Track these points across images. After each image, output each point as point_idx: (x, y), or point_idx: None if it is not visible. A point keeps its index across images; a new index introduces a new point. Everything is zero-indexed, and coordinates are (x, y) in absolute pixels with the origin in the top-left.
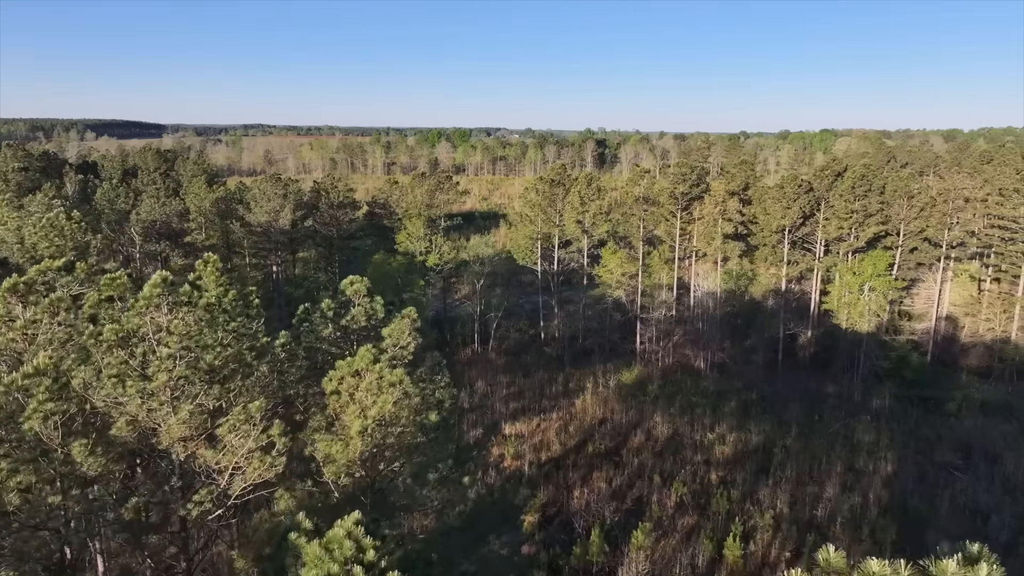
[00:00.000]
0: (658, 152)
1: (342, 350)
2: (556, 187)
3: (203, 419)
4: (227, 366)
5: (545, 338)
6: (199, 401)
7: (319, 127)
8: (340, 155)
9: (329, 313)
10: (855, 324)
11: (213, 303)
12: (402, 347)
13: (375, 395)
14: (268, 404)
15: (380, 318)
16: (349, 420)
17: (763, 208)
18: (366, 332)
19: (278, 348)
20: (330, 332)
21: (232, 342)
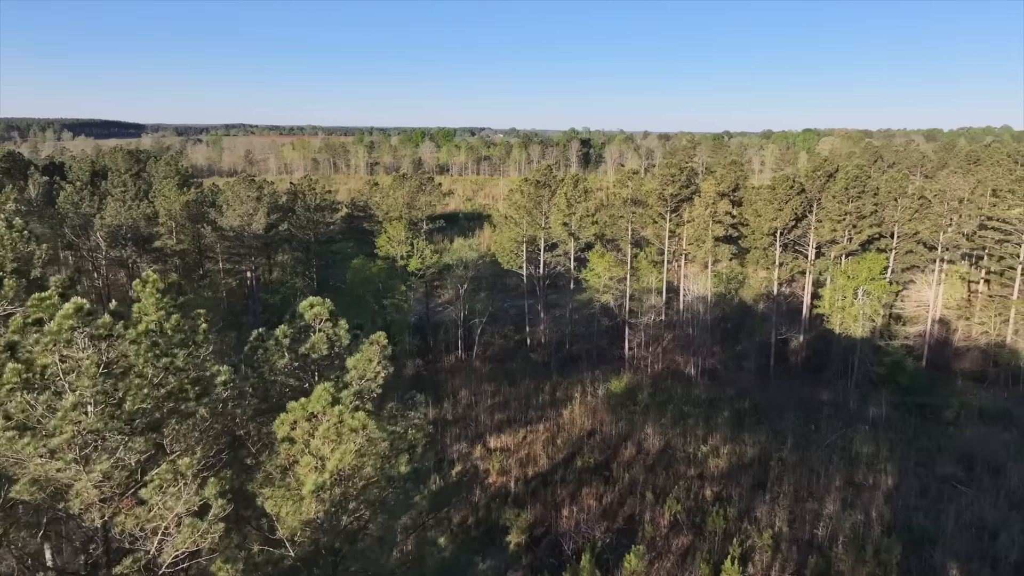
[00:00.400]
0: (643, 152)
1: (302, 381)
2: (542, 189)
3: (125, 476)
4: (160, 408)
5: (531, 344)
6: (119, 456)
7: (302, 127)
8: (322, 155)
9: (285, 341)
10: (849, 329)
11: (152, 330)
12: (370, 379)
13: (334, 443)
14: (211, 450)
15: (344, 345)
16: (303, 473)
17: (754, 210)
18: (329, 361)
19: (219, 386)
20: (287, 362)
21: (169, 378)
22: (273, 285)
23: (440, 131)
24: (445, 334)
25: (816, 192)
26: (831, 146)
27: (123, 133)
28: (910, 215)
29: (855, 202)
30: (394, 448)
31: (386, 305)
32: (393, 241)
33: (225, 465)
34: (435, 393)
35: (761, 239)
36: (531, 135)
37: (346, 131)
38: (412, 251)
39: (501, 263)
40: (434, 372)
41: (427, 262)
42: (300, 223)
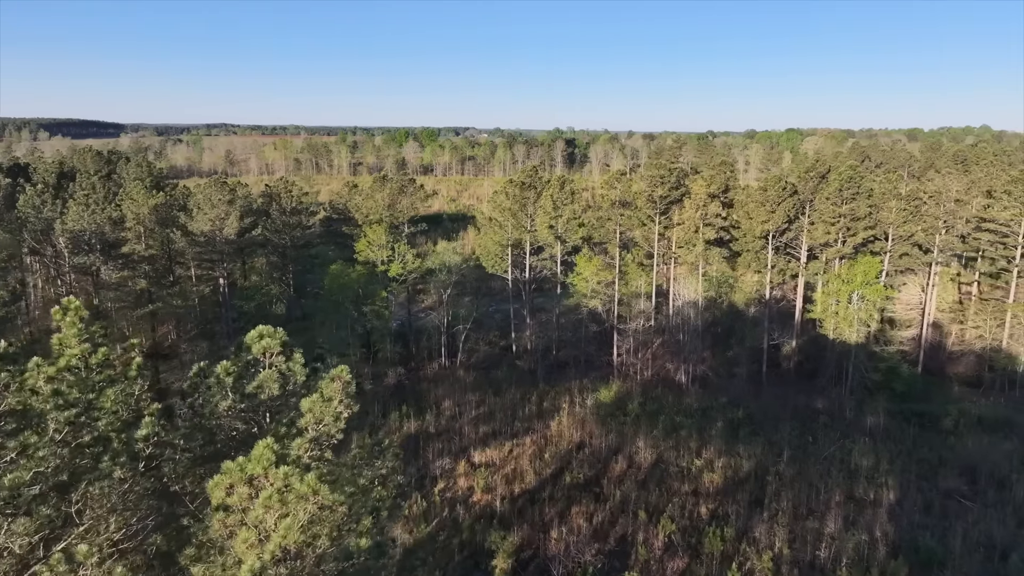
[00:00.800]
0: (628, 152)
1: (250, 425)
2: (527, 190)
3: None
4: (68, 467)
5: (517, 350)
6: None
7: (284, 127)
8: (304, 155)
9: (228, 379)
10: (843, 334)
11: (74, 366)
12: (328, 424)
13: (279, 513)
14: (134, 516)
15: (300, 382)
16: (241, 550)
17: (745, 212)
18: (282, 400)
19: (139, 441)
20: (230, 404)
21: (83, 431)
22: (248, 292)
23: (424, 131)
24: (428, 341)
25: (809, 193)
26: (815, 146)
27: (101, 133)
28: (905, 217)
29: (849, 204)
30: (354, 512)
31: (366, 312)
32: (373, 246)
33: (156, 529)
34: (417, 404)
35: (753, 242)
36: (516, 135)
37: (329, 131)
38: (393, 256)
39: (485, 267)
40: (417, 381)
41: (409, 267)
42: (275, 227)
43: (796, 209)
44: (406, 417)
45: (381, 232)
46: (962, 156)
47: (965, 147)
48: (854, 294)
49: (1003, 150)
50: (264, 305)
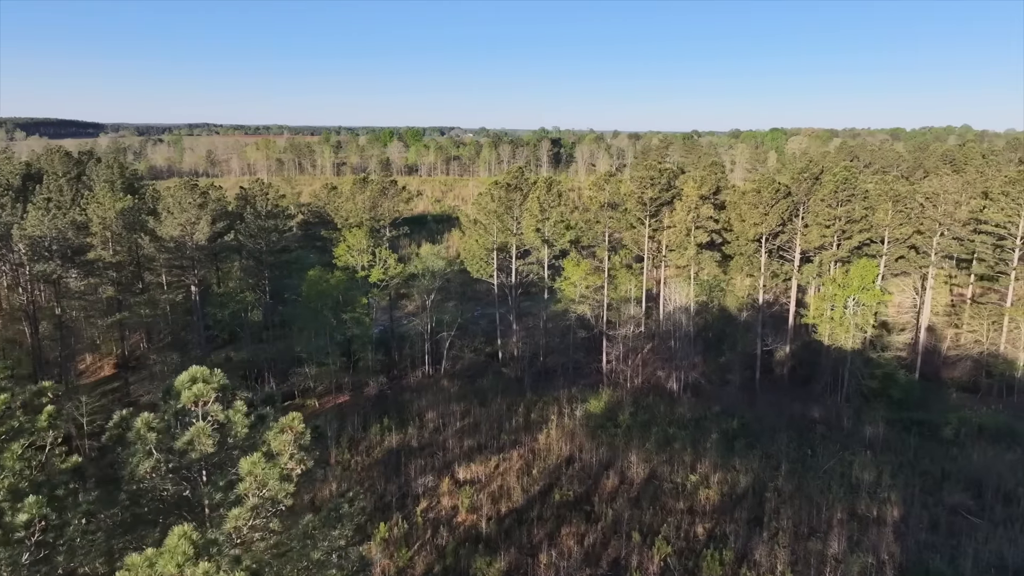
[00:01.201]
0: (614, 152)
1: (182, 486)
2: (513, 192)
3: None
4: None
5: (503, 357)
6: None
7: (268, 126)
8: (287, 155)
9: (151, 436)
10: (839, 340)
11: None
12: (274, 487)
13: None
14: None
15: (242, 435)
16: None
17: (738, 214)
18: (220, 456)
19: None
20: (154, 464)
21: None
22: (221, 299)
23: (409, 131)
24: (411, 348)
25: (803, 195)
26: (800, 145)
27: (80, 133)
28: (901, 220)
29: (845, 206)
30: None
31: (346, 320)
32: (353, 250)
33: None
34: (400, 416)
35: (745, 245)
36: (501, 134)
37: (313, 131)
38: (374, 261)
39: (470, 271)
40: (399, 391)
41: (391, 273)
42: (250, 231)
43: (789, 211)
44: (387, 430)
45: (361, 236)
46: (950, 156)
47: (953, 147)
48: (850, 299)
49: (990, 150)
50: (239, 313)
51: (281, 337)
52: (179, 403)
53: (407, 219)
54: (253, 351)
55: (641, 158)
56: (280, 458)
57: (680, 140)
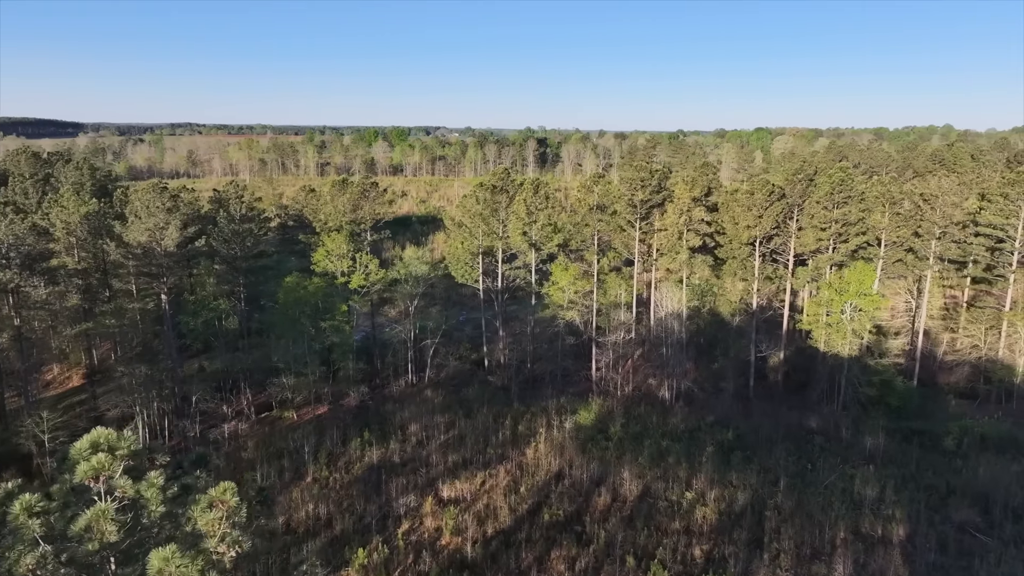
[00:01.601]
0: (600, 151)
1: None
2: (498, 194)
3: None
4: None
5: (489, 365)
6: None
7: (251, 126)
8: (270, 155)
9: (34, 524)
10: (835, 346)
11: None
12: None
13: None
14: None
15: (159, 514)
16: None
17: (731, 217)
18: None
19: None
20: (37, 561)
21: None
22: (194, 307)
23: (394, 130)
24: (394, 356)
25: (797, 197)
26: (786, 145)
27: (59, 132)
28: (899, 222)
29: (841, 208)
30: None
31: (324, 328)
32: (332, 255)
33: None
34: (381, 428)
35: (739, 248)
36: (487, 134)
37: (297, 130)
38: (354, 266)
39: (455, 276)
40: (381, 401)
41: (372, 278)
42: (223, 236)
43: (784, 213)
44: (368, 444)
45: (341, 241)
46: (940, 156)
47: (942, 147)
48: (847, 304)
49: (979, 149)
50: (212, 322)
51: (258, 346)
52: (72, 478)
53: (391, 220)
54: (228, 361)
55: (628, 158)
56: (208, 540)
57: (666, 140)
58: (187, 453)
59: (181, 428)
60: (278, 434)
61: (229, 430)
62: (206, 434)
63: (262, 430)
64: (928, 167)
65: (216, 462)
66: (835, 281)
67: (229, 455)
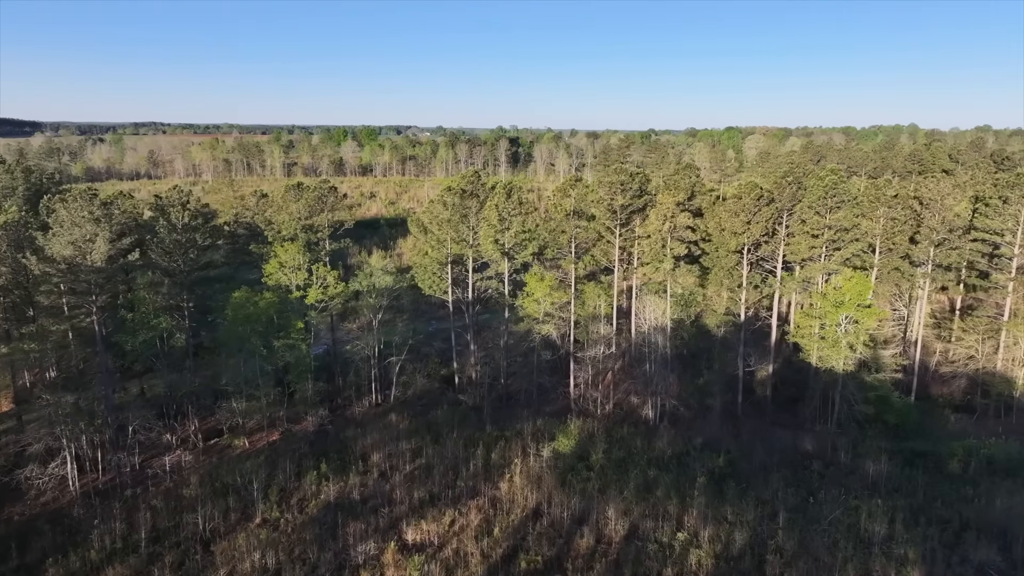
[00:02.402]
0: (573, 151)
1: None
2: (468, 199)
3: None
4: None
5: (460, 382)
6: None
7: (218, 125)
8: (235, 156)
9: None
10: (830, 361)
11: None
12: None
13: None
14: None
15: None
16: None
17: (717, 223)
18: None
19: None
20: None
21: None
22: (132, 325)
23: (364, 129)
24: (356, 375)
25: (787, 202)
26: (758, 144)
27: (15, 132)
28: (897, 227)
29: (834, 213)
30: None
31: (277, 348)
32: (286, 267)
33: None
34: (341, 458)
35: (726, 257)
36: (458, 133)
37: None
38: (311, 279)
39: (421, 287)
40: (342, 426)
41: (331, 292)
42: (164, 247)
43: (773, 220)
44: (325, 478)
45: (295, 251)
46: (918, 156)
47: (920, 147)
48: (843, 317)
49: (956, 149)
50: (153, 341)
51: (208, 366)
52: None
53: (359, 223)
54: (173, 383)
55: (602, 157)
56: None
57: (639, 139)
58: (122, 491)
59: (116, 461)
60: (226, 465)
61: (172, 462)
62: (146, 467)
63: (209, 460)
64: (907, 167)
65: (153, 503)
66: (830, 292)
67: (169, 492)
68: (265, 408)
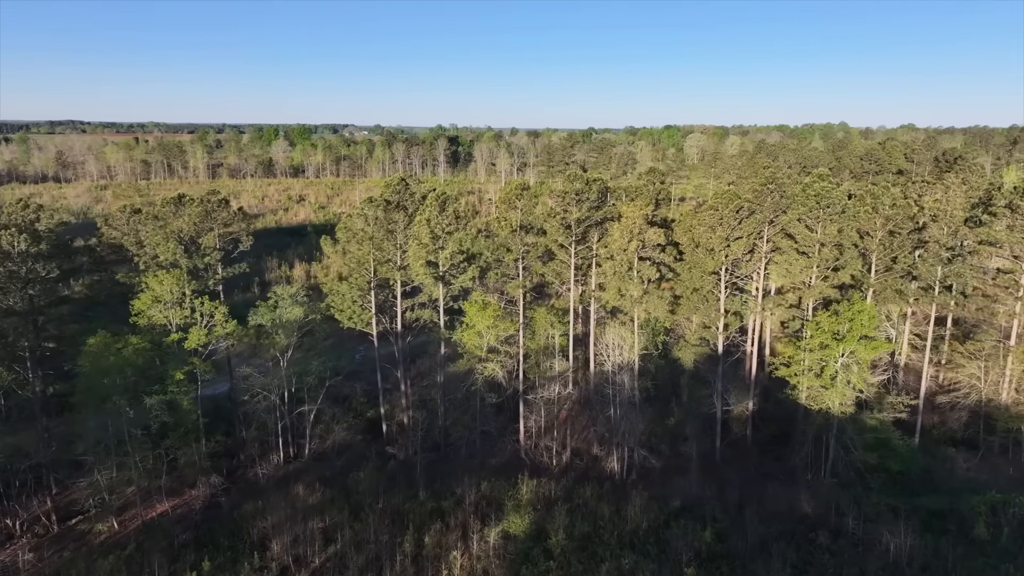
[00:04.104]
0: (515, 150)
1: None
2: (394, 212)
3: None
4: None
5: (388, 431)
6: None
7: (143, 124)
8: (155, 156)
9: None
10: (824, 402)
11: None
12: None
13: None
14: None
15: None
16: None
17: (691, 239)
18: None
19: None
20: None
21: None
22: None
23: (297, 128)
24: (260, 428)
25: (769, 213)
26: (698, 142)
27: None
28: (899, 242)
29: (826, 226)
30: None
31: (151, 405)
32: (163, 303)
33: None
34: (232, 548)
35: (701, 279)
36: (397, 132)
37: (194, 128)
38: (193, 316)
39: (339, 319)
40: (239, 498)
41: (219, 332)
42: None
43: (755, 234)
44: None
45: (172, 282)
46: (874, 155)
47: (875, 146)
48: (844, 353)
49: (911, 148)
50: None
51: (68, 425)
52: None
53: (283, 231)
54: (13, 449)
55: (544, 157)
56: None
57: (581, 138)
58: None
59: None
60: (82, 561)
61: (6, 559)
62: None
63: (60, 554)
64: (864, 167)
65: None
66: (825, 321)
67: None
68: (139, 479)
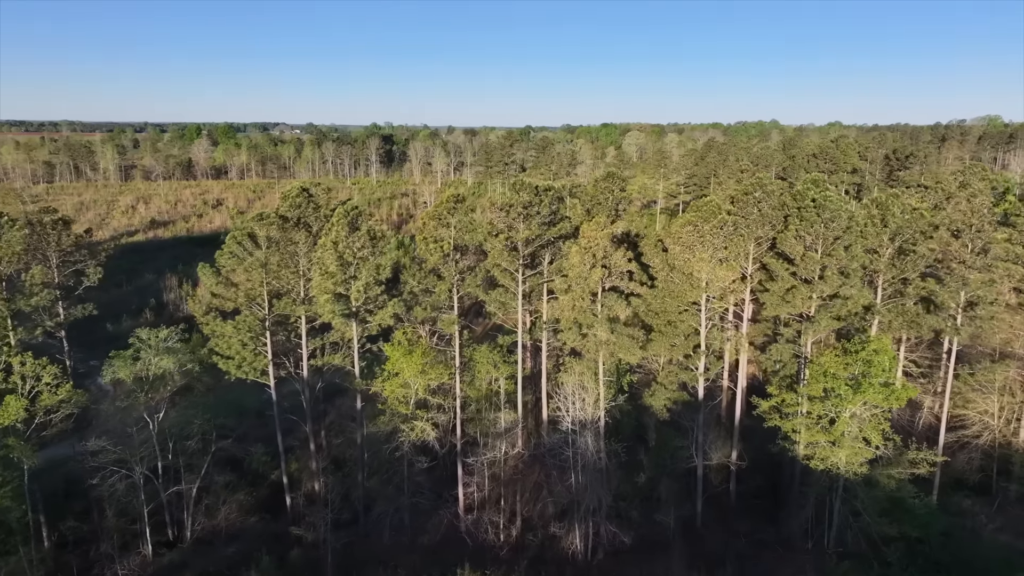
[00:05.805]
0: (451, 149)
1: None
2: (293, 231)
3: None
4: None
5: (293, 503)
6: None
7: (56, 122)
8: (60, 157)
9: None
10: (831, 460)
11: None
12: None
13: None
14: None
15: None
16: None
17: (665, 261)
18: None
19: None
20: None
21: None
22: None
23: (222, 126)
24: (125, 512)
25: (755, 228)
26: (637, 141)
27: None
28: (912, 262)
29: (831, 243)
30: None
31: None
32: None
33: None
34: None
35: (679, 312)
36: (329, 131)
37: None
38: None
39: (226, 369)
40: None
41: (48, 401)
42: None
43: (742, 255)
44: None
45: None
46: (828, 153)
47: (828, 143)
48: (859, 403)
49: (865, 147)
50: None
51: None
52: None
53: (194, 240)
54: None
55: (482, 156)
56: None
57: (519, 136)
58: None
59: None
60: None
61: None
62: None
63: None
64: (819, 166)
65: None
66: (833, 363)
67: None
68: None
